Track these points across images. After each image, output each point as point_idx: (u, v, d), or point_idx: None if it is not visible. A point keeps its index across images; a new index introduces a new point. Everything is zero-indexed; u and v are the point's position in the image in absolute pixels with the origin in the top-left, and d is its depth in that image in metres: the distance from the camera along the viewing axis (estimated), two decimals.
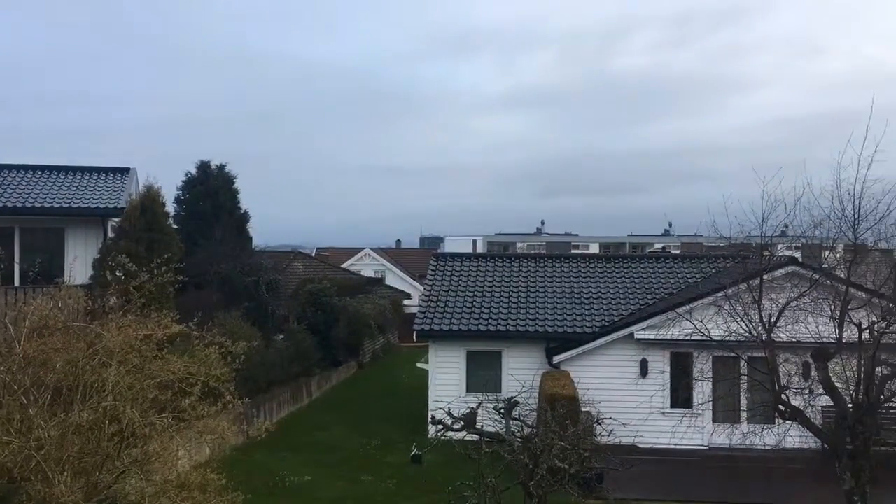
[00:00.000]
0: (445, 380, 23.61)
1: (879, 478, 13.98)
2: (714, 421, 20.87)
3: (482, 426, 14.45)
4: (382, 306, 39.91)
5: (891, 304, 14.18)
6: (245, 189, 39.49)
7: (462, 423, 14.29)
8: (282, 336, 27.76)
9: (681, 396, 21.79)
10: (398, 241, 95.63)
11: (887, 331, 13.22)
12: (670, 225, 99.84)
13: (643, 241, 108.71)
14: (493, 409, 14.42)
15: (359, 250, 67.82)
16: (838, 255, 16.26)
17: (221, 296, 25.91)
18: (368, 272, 59.55)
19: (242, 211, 34.13)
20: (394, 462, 19.94)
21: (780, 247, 21.47)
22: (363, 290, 41.65)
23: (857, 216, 13.48)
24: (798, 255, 21.30)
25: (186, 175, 33.42)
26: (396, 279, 60.93)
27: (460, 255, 29.41)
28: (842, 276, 14.88)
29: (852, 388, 13.33)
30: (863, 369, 13.07)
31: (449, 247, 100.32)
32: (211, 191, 32.95)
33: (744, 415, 19.98)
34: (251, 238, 34.37)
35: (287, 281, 35.23)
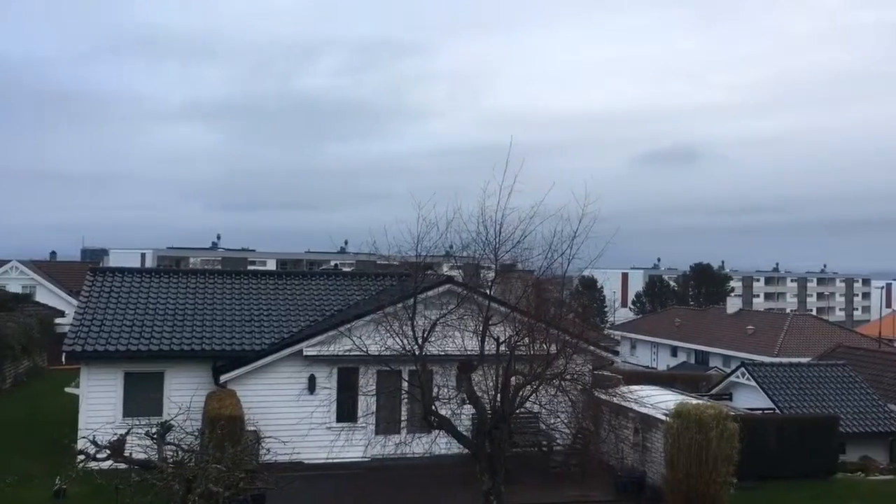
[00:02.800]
0: (99, 405, 21.74)
1: (514, 477, 15.56)
2: (377, 433, 21.64)
3: (131, 453, 13.54)
4: (28, 325, 35.93)
5: (526, 319, 15.90)
6: None
7: (108, 452, 13.28)
8: None
9: (346, 410, 22.34)
10: (53, 252, 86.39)
11: (520, 343, 14.80)
12: (346, 243, 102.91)
13: (321, 257, 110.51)
14: (146, 434, 13.60)
15: (4, 262, 60.70)
16: (487, 275, 17.87)
17: None
18: (15, 287, 53.92)
19: None
20: (31, 499, 17.88)
21: (445, 266, 23.04)
22: (6, 306, 37.27)
23: (498, 240, 14.98)
24: (460, 274, 22.96)
25: None
26: (49, 295, 55.46)
27: (122, 270, 27.39)
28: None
29: (491, 396, 14.70)
30: (500, 379, 14.47)
31: (114, 260, 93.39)
32: None
33: (403, 425, 20.99)
34: None
35: None
